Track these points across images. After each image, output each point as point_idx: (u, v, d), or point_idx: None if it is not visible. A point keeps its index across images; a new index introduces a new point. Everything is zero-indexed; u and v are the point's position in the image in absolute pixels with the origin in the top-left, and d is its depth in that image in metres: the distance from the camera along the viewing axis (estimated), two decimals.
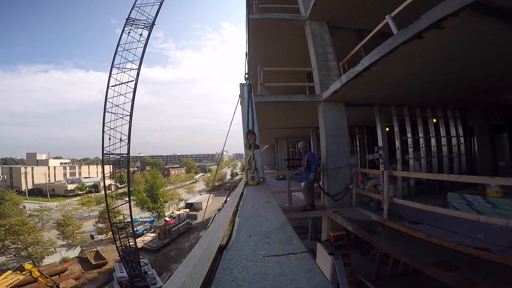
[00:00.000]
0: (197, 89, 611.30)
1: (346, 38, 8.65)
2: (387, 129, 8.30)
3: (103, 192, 24.53)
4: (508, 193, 4.63)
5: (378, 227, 5.20)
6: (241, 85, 5.96)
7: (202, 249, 1.58)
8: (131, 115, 21.15)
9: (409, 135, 8.01)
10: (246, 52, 7.19)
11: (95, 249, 30.72)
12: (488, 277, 2.90)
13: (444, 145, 8.37)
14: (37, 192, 64.08)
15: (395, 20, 4.89)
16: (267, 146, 28.12)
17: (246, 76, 5.48)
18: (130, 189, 24.46)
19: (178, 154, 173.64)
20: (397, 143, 7.81)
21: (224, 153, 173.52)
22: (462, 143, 8.57)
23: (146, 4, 21.37)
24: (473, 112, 9.07)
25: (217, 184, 77.12)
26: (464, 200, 5.03)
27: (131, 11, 21.09)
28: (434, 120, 8.58)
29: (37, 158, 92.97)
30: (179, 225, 36.86)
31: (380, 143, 7.48)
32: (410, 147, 7.91)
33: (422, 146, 8.05)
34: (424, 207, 4.45)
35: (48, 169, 79.25)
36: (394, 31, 4.67)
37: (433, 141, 8.33)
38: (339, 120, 7.31)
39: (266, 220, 1.97)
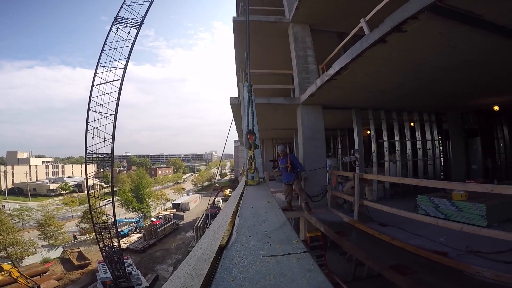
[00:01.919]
0: (186, 88, 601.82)
1: (329, 41, 8.66)
2: (368, 131, 8.38)
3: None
4: (472, 197, 4.75)
5: (349, 229, 5.26)
6: (241, 85, 5.88)
7: (202, 249, 1.57)
8: (115, 115, 20.86)
9: (385, 138, 8.13)
10: (246, 52, 7.08)
11: (78, 250, 30.00)
12: (440, 281, 2.95)
13: (419, 149, 8.55)
14: (17, 191, 61.73)
15: (375, 23, 4.85)
16: None
17: (246, 76, 5.38)
18: (115, 189, 24.03)
19: (166, 154, 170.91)
20: (373, 146, 7.94)
21: (214, 153, 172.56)
22: (437, 147, 8.77)
23: (135, 3, 21.12)
24: (448, 116, 9.30)
25: (205, 184, 76.78)
26: (432, 203, 5.15)
27: (120, 9, 20.83)
28: (412, 124, 8.74)
29: (18, 157, 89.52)
30: (165, 226, 36.40)
31: (356, 146, 7.59)
32: (386, 150, 8.04)
33: (398, 149, 8.20)
34: (389, 210, 4.51)
35: (30, 168, 76.55)
36: None
37: (408, 144, 8.48)
38: (316, 123, 7.36)
39: (266, 220, 1.99)
